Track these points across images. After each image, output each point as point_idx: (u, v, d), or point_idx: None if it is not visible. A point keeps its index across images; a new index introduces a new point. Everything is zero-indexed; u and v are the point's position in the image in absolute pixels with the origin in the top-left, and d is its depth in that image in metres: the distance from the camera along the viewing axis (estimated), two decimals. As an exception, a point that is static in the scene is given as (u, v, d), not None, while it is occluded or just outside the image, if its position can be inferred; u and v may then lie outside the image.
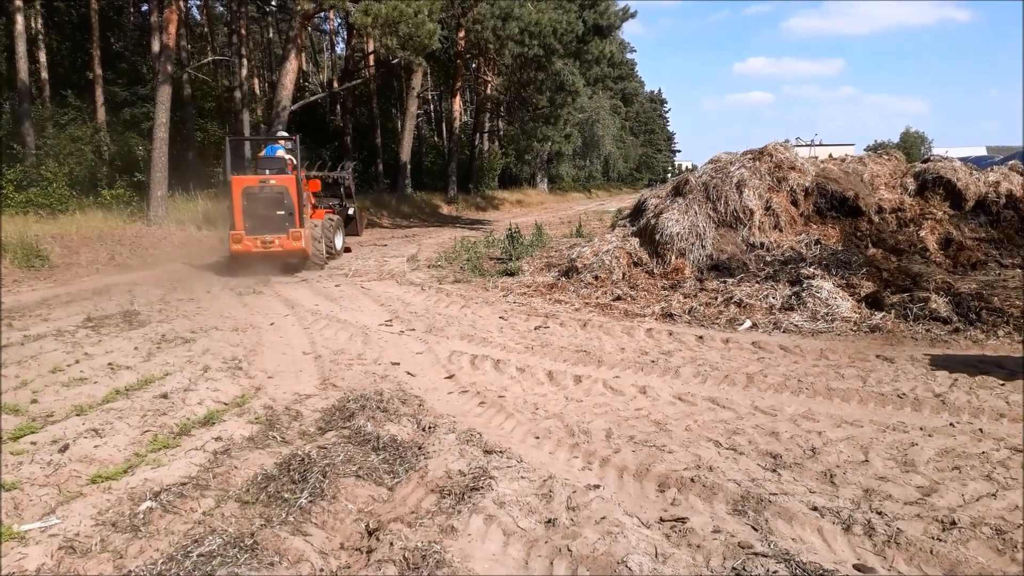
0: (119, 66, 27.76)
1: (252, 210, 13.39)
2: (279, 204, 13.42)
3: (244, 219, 13.35)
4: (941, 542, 3.60)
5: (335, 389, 6.32)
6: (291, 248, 13.53)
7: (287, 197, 13.43)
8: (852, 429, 5.33)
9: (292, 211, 13.45)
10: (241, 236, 13.34)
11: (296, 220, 13.49)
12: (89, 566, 3.43)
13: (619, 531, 3.53)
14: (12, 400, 5.72)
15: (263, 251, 13.48)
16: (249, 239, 13.36)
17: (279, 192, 13.45)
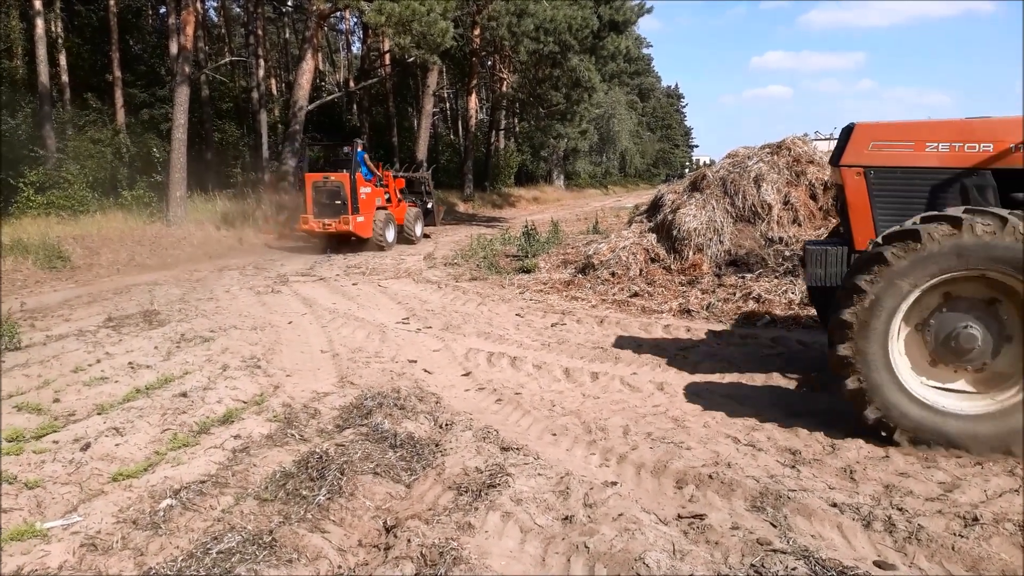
0: (138, 68, 28.03)
1: (317, 199, 17.24)
2: (337, 195, 17.07)
3: (312, 206, 17.27)
4: (963, 539, 3.56)
5: (353, 387, 6.35)
6: (343, 230, 16.96)
7: (343, 190, 17.01)
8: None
9: (346, 201, 17.00)
10: (308, 218, 17.24)
11: (349, 208, 16.96)
12: (110, 563, 3.47)
13: (636, 528, 3.52)
14: (35, 399, 5.79)
15: (323, 231, 17.22)
16: (314, 221, 17.15)
17: (337, 186, 17.07)
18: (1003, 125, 5.25)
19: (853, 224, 5.57)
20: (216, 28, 38.39)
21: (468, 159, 36.54)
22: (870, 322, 4.82)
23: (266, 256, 17.22)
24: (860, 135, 5.63)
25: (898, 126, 5.63)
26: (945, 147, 5.34)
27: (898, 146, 5.50)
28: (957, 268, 4.67)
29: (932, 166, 5.39)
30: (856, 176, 5.61)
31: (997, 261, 4.57)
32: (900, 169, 5.50)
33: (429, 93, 31.87)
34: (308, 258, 16.71)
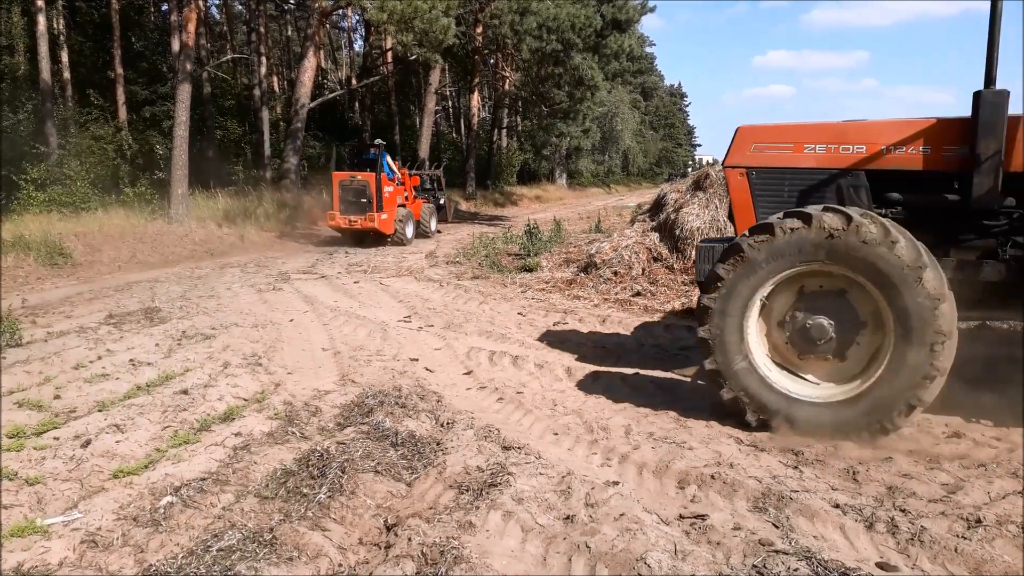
0: (140, 65, 28.03)
1: (344, 197, 18.20)
2: (363, 194, 18.04)
3: (339, 203, 18.23)
4: (966, 541, 3.55)
5: (354, 385, 6.34)
6: (368, 226, 18.03)
7: (368, 189, 17.97)
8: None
9: (371, 199, 17.98)
10: (335, 215, 18.26)
11: (373, 206, 17.94)
12: (111, 560, 3.46)
13: (638, 528, 3.51)
14: (36, 396, 5.79)
15: (349, 227, 18.31)
16: (341, 217, 18.20)
17: (363, 185, 18.03)
18: (876, 128, 5.54)
19: (737, 222, 5.83)
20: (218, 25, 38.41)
21: (470, 157, 36.52)
22: (727, 309, 5.16)
23: (267, 254, 17.22)
24: (742, 138, 5.93)
25: (778, 129, 5.91)
26: (822, 149, 5.62)
27: (778, 148, 5.80)
28: (805, 262, 4.96)
29: (809, 167, 5.68)
30: (739, 176, 5.93)
31: (840, 257, 4.83)
32: (779, 170, 5.78)
33: (431, 91, 31.87)
34: (310, 256, 16.72)
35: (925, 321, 4.65)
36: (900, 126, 5.46)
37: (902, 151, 5.40)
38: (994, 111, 4.96)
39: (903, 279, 4.67)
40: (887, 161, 5.46)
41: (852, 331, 5.08)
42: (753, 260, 5.05)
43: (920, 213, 5.45)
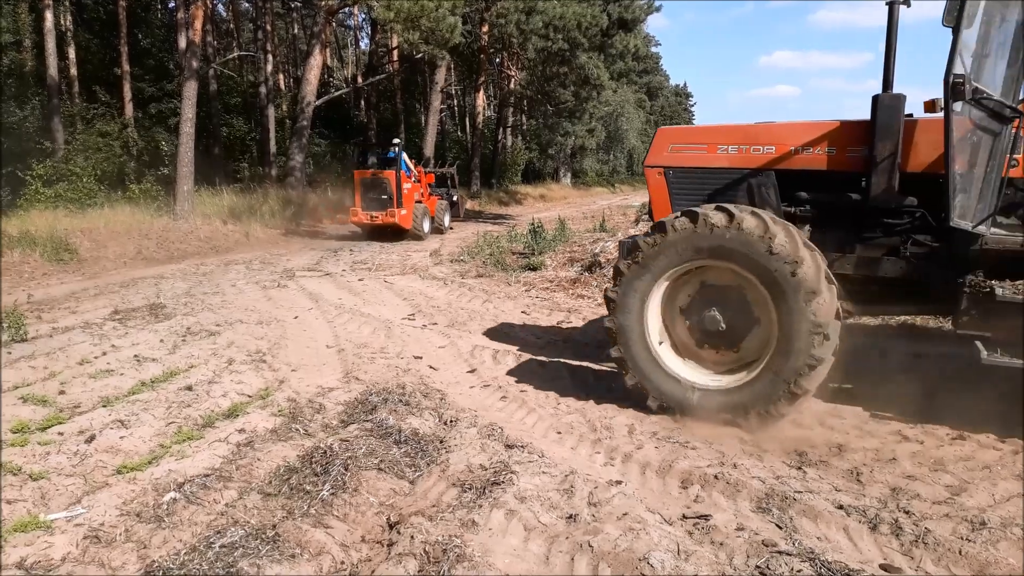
0: (146, 62, 28.11)
1: (365, 194, 18.93)
2: (384, 190, 18.71)
3: (360, 200, 18.97)
4: (970, 543, 3.54)
5: (358, 382, 6.34)
6: (389, 222, 18.72)
7: (389, 186, 18.61)
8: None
9: (392, 196, 18.62)
10: (357, 211, 19.02)
11: (394, 202, 18.60)
12: (113, 556, 3.47)
13: (641, 527, 3.50)
14: (40, 391, 5.80)
15: (370, 223, 18.99)
16: (363, 213, 18.94)
17: (384, 182, 18.69)
18: (784, 130, 5.81)
19: (655, 219, 5.89)
20: (225, 23, 38.47)
21: (475, 156, 36.53)
22: (627, 300, 5.52)
23: (272, 251, 17.25)
24: (660, 139, 6.30)
25: (693, 131, 6.34)
26: (734, 149, 5.90)
27: (693, 149, 6.10)
28: (694, 258, 5.29)
29: (722, 166, 5.95)
30: (658, 176, 6.24)
31: (725, 253, 5.12)
32: (694, 169, 6.07)
33: (437, 90, 31.89)
34: (315, 253, 16.74)
35: (803, 313, 4.88)
36: (807, 128, 5.71)
37: (809, 152, 5.63)
38: (890, 114, 5.18)
39: (781, 273, 4.92)
40: (795, 161, 5.69)
41: (744, 323, 5.36)
42: (649, 256, 5.39)
43: (828, 211, 5.73)
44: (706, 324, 5.44)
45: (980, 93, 4.75)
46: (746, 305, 5.32)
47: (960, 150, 4.90)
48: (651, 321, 5.54)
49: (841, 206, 5.64)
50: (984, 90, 4.79)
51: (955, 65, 4.49)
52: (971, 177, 5.04)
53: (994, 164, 5.06)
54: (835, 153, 5.55)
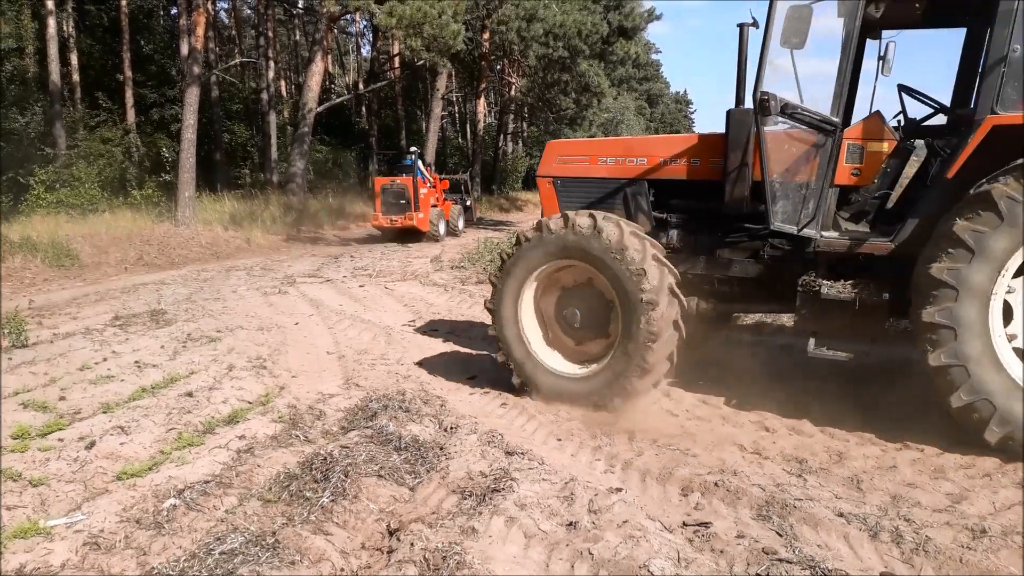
0: (149, 68, 28.16)
1: (385, 199, 20.05)
2: (402, 196, 19.85)
3: (380, 204, 20.15)
4: (971, 551, 3.53)
5: (358, 389, 6.34)
6: (407, 225, 19.80)
7: (407, 192, 19.79)
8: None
9: (410, 201, 19.76)
10: (378, 216, 20.30)
11: (412, 207, 19.75)
12: (113, 562, 3.46)
13: (641, 535, 3.49)
14: (41, 397, 5.81)
15: (390, 226, 20.09)
16: (383, 217, 20.15)
17: (402, 187, 19.83)
18: (655, 143, 6.47)
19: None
20: (227, 29, 38.58)
21: (476, 162, 36.56)
22: (505, 289, 6.07)
23: (273, 257, 17.26)
24: (549, 151, 6.95)
25: (578, 143, 7.05)
26: (612, 161, 6.46)
27: (577, 160, 6.69)
28: (562, 256, 5.80)
29: (602, 176, 6.50)
30: (548, 185, 6.85)
31: (576, 252, 5.68)
32: (579, 179, 6.64)
33: (438, 96, 31.95)
34: (315, 260, 16.75)
35: (639, 315, 5.43)
36: (675, 141, 6.33)
37: (676, 163, 6.17)
38: (740, 128, 5.68)
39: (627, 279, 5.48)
40: (665, 172, 6.22)
41: (601, 318, 5.88)
42: (526, 252, 5.94)
43: (695, 218, 6.24)
44: (567, 318, 6.01)
45: (793, 108, 5.22)
46: (602, 301, 5.82)
47: (780, 160, 5.41)
48: (524, 307, 6.09)
49: (706, 212, 6.10)
50: (798, 105, 5.26)
51: (761, 83, 5.07)
52: (794, 185, 5.49)
53: (822, 173, 5.42)
54: (698, 164, 6.07)
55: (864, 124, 5.74)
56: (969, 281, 4.69)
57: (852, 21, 5.35)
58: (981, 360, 4.71)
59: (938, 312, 4.77)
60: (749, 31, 5.51)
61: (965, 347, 4.72)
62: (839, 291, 5.40)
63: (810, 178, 5.48)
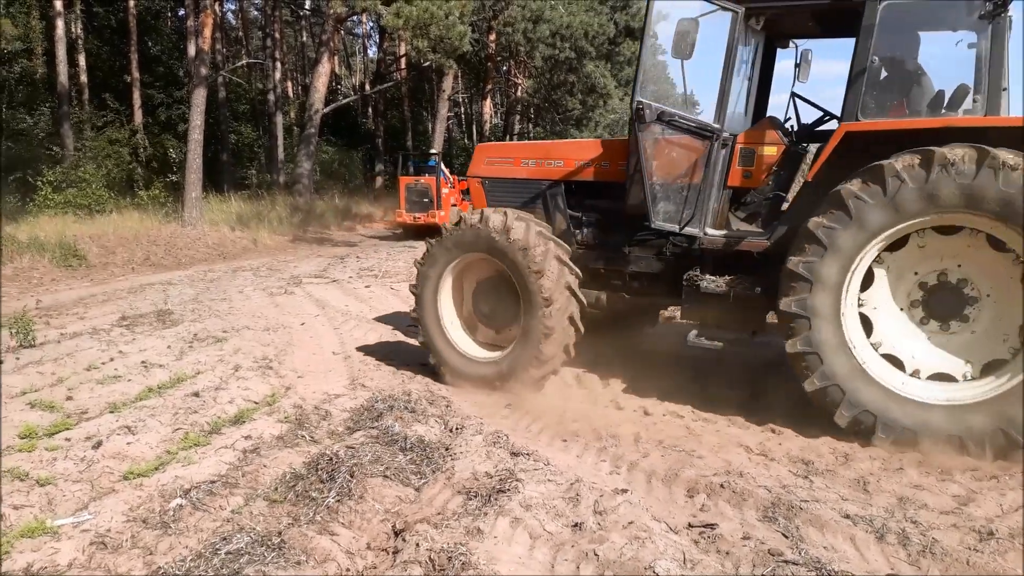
0: (156, 69, 28.24)
1: (409, 197, 20.69)
2: (425, 195, 20.51)
3: (404, 203, 20.81)
4: (978, 553, 3.52)
5: (364, 389, 6.35)
6: (430, 222, 19.96)
7: (431, 191, 20.44)
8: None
9: (432, 199, 20.41)
10: (402, 212, 20.96)
11: (434, 205, 20.38)
12: (120, 562, 3.48)
13: (647, 536, 3.49)
14: (48, 396, 5.83)
15: (413, 223, 20.64)
16: (407, 215, 20.81)
17: (426, 187, 20.52)
18: (571, 147, 6.99)
19: None
20: (234, 30, 38.65)
21: (482, 163, 36.45)
22: (427, 276, 6.56)
23: (280, 257, 17.29)
24: (478, 153, 7.38)
25: (504, 146, 7.58)
26: (533, 163, 6.87)
27: (503, 162, 7.12)
28: (475, 250, 6.30)
29: (525, 178, 6.90)
30: (477, 185, 7.25)
31: (494, 249, 6.14)
32: (504, 180, 7.04)
33: (444, 97, 31.94)
34: (322, 260, 16.77)
35: (538, 309, 5.96)
36: (588, 146, 6.77)
37: (589, 166, 6.57)
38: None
39: (514, 264, 6.03)
40: (579, 174, 6.62)
41: (509, 309, 6.36)
42: (442, 247, 6.46)
43: (607, 217, 6.58)
44: (481, 307, 6.62)
45: (671, 115, 5.72)
46: (512, 291, 6.24)
47: (662, 164, 5.87)
48: (443, 295, 6.57)
49: (615, 212, 6.44)
50: (676, 113, 5.75)
51: (636, 93, 5.72)
52: (676, 187, 5.92)
53: (705, 175, 5.80)
54: (608, 166, 6.46)
55: (755, 130, 6.16)
56: (822, 274, 5.09)
57: (732, 35, 5.66)
58: (833, 348, 5.10)
59: (794, 302, 5.18)
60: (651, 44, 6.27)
61: (818, 336, 5.12)
62: (716, 285, 5.84)
63: (692, 180, 5.86)
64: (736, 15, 5.63)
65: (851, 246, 5.01)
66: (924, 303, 5.19)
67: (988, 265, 4.99)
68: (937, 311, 5.16)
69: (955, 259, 5.07)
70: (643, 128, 5.74)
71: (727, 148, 5.99)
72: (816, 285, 5.10)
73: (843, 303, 5.12)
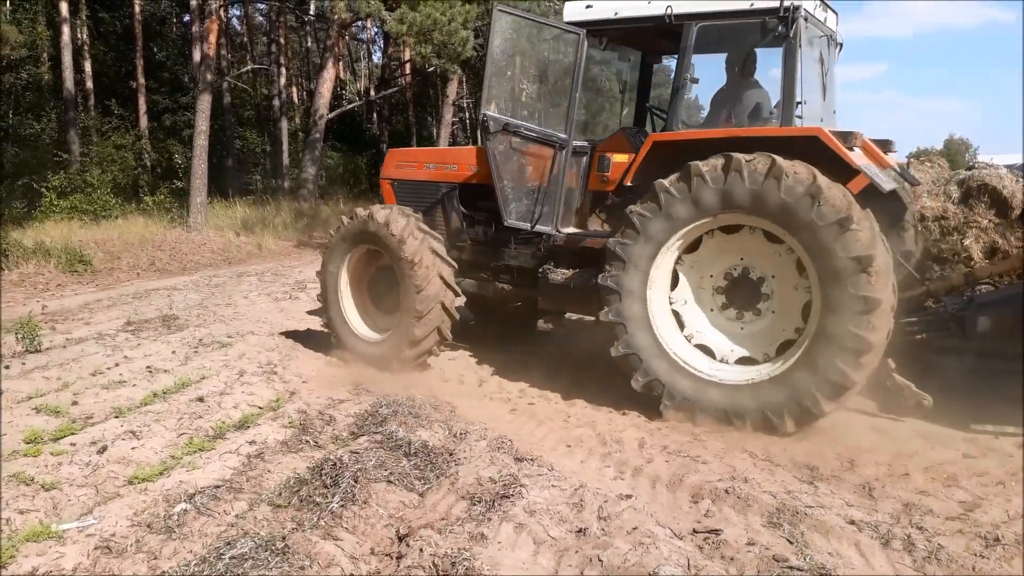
0: (161, 75, 28.34)
1: None
2: None
3: None
4: (984, 559, 3.50)
5: (368, 394, 6.35)
6: None
7: None
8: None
9: None
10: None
11: None
12: (124, 566, 3.48)
13: (651, 542, 3.48)
14: (53, 401, 5.84)
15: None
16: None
17: None
18: (464, 152, 7.62)
19: None
20: (239, 36, 38.76)
21: (486, 168, 36.49)
22: (327, 271, 7.38)
23: (285, 262, 17.30)
24: (389, 157, 8.25)
25: (411, 151, 8.60)
26: (433, 167, 7.64)
27: (409, 166, 7.92)
28: (365, 241, 7.09)
29: (426, 180, 7.64)
30: (388, 186, 7.97)
31: (378, 241, 6.88)
32: (410, 182, 7.79)
33: (448, 103, 31.98)
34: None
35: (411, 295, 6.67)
36: (478, 151, 7.22)
37: (475, 170, 7.21)
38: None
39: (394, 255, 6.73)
40: (468, 177, 7.28)
41: (396, 293, 6.94)
42: (339, 238, 7.27)
43: (493, 216, 7.06)
44: (372, 292, 7.37)
45: (516, 127, 6.55)
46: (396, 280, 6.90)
47: (512, 169, 6.71)
48: (342, 281, 7.32)
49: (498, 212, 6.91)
50: (521, 124, 6.58)
51: (483, 107, 6.60)
52: (527, 189, 6.73)
53: (555, 179, 6.61)
54: (488, 171, 6.89)
55: (610, 139, 6.97)
56: (634, 255, 5.78)
57: (577, 55, 6.40)
58: (637, 321, 5.82)
59: (609, 278, 5.88)
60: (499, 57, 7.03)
61: (626, 309, 5.84)
62: (559, 277, 6.56)
63: (544, 183, 6.66)
64: (579, 36, 6.36)
65: (660, 233, 5.70)
66: (726, 296, 5.91)
67: (768, 257, 5.72)
68: (737, 302, 5.88)
69: (741, 254, 5.85)
70: (490, 138, 6.56)
71: (587, 156, 6.83)
72: (628, 265, 5.80)
73: (650, 284, 5.82)
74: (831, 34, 6.57)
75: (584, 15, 6.42)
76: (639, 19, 6.24)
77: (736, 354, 5.82)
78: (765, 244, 5.68)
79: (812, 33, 6.01)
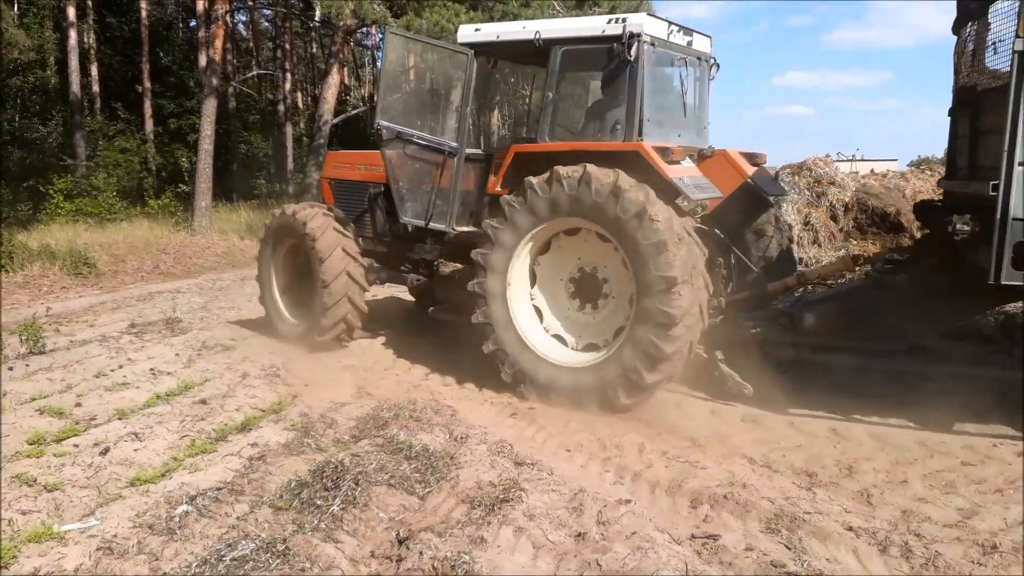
0: (167, 80, 28.41)
1: None
2: None
3: None
4: (981, 566, 3.51)
5: (369, 398, 6.37)
6: None
7: None
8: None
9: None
10: None
11: None
12: (126, 567, 3.50)
13: (650, 547, 3.50)
14: (57, 403, 5.87)
15: None
16: None
17: None
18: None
19: None
20: (244, 42, 38.88)
21: (490, 174, 36.54)
22: (262, 261, 8.35)
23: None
24: (328, 159, 9.09)
25: (346, 154, 9.06)
26: (363, 168, 8.22)
27: (343, 166, 8.59)
28: (289, 236, 7.91)
29: (357, 180, 8.27)
30: (327, 185, 8.67)
31: (298, 237, 7.65)
32: (344, 181, 8.45)
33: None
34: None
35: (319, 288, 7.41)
36: None
37: None
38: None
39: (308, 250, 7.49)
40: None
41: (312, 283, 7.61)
42: (271, 228, 8.21)
43: None
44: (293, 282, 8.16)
45: (409, 135, 7.15)
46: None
47: (407, 173, 7.31)
48: (274, 280, 8.25)
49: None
50: (413, 133, 7.17)
51: (378, 117, 7.12)
52: (422, 190, 7.31)
53: (449, 182, 7.17)
54: None
55: (503, 149, 7.18)
56: (492, 262, 6.48)
57: (468, 72, 6.99)
58: (502, 324, 6.51)
59: (476, 284, 6.56)
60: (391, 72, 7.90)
61: (492, 312, 6.54)
62: (447, 271, 7.24)
63: (438, 186, 7.24)
64: (468, 56, 6.99)
65: (510, 241, 6.40)
66: (575, 290, 6.57)
67: (603, 254, 6.36)
68: (583, 295, 6.55)
69: (582, 253, 6.50)
70: (384, 145, 7.10)
71: (485, 162, 7.31)
72: (488, 271, 6.50)
73: (508, 287, 6.48)
74: (701, 56, 7.13)
75: (472, 37, 7.14)
76: (516, 42, 6.96)
77: (583, 341, 6.54)
78: (599, 243, 6.32)
79: (665, 56, 6.67)
